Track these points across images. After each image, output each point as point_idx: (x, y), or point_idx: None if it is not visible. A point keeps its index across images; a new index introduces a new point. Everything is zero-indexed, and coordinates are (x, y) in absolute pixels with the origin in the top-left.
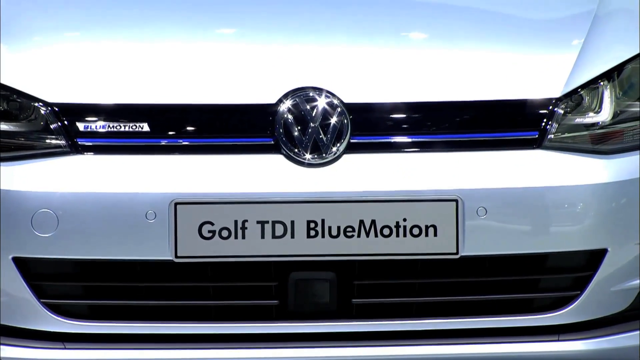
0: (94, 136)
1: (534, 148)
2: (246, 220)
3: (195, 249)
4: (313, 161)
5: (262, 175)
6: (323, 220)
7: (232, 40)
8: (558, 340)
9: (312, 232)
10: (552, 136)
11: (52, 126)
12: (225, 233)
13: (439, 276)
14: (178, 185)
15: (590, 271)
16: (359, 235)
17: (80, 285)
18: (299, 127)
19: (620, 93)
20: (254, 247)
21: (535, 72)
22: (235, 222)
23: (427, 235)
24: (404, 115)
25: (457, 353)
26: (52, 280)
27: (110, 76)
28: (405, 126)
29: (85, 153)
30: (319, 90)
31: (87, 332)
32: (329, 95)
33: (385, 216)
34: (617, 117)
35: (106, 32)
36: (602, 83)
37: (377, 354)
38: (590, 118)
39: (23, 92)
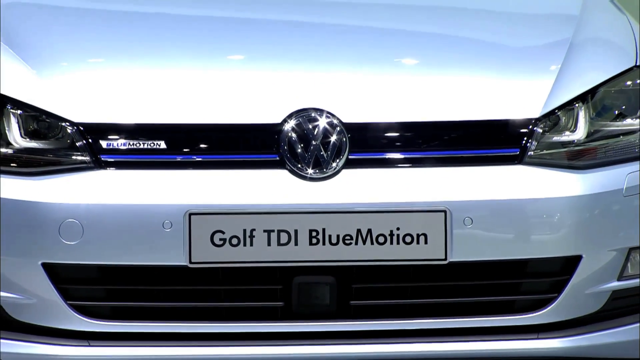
0: (116, 153)
1: (515, 163)
2: (254, 229)
3: (207, 255)
4: (315, 175)
5: (268, 189)
6: (324, 229)
7: (241, 66)
8: (537, 339)
9: (314, 240)
10: (532, 153)
11: (77, 144)
12: (235, 241)
13: (429, 280)
14: (192, 198)
15: (567, 275)
16: (356, 243)
17: (103, 288)
18: (301, 145)
19: (594, 114)
20: (261, 253)
21: (517, 94)
22: (244, 230)
23: (418, 242)
24: (398, 134)
25: (446, 350)
26: (77, 283)
27: (130, 98)
28: (398, 144)
29: (108, 168)
30: (320, 111)
31: (110, 331)
32: (329, 115)
33: (380, 225)
34: (591, 136)
35: (126, 59)
36: (577, 105)
37: (373, 351)
38: (567, 136)
39: (51, 112)
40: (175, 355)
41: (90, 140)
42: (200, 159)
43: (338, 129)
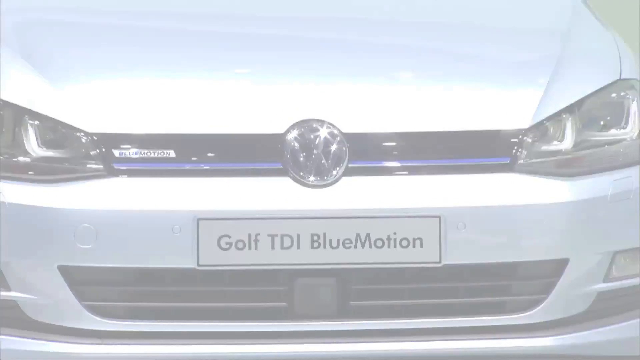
0: (128, 161)
1: (506, 172)
2: (258, 234)
3: (214, 258)
4: (316, 183)
5: (272, 195)
6: (325, 234)
7: (246, 79)
8: (528, 337)
9: (315, 244)
10: (522, 161)
11: (91, 153)
12: (240, 245)
13: (425, 282)
14: (200, 204)
15: (555, 278)
16: (355, 247)
17: (116, 290)
18: (304, 154)
19: (581, 124)
20: (265, 256)
21: (508, 106)
22: (249, 235)
23: (414, 246)
24: (395, 143)
25: (441, 348)
26: (92, 285)
27: (142, 110)
28: (395, 153)
29: (121, 176)
30: (321, 122)
31: (122, 330)
32: (330, 126)
33: (378, 230)
34: (578, 145)
35: (137, 73)
36: (565, 116)
37: (371, 349)
38: (555, 146)
39: (67, 123)
40: (184, 352)
41: (103, 150)
42: (207, 167)
43: (338, 138)
